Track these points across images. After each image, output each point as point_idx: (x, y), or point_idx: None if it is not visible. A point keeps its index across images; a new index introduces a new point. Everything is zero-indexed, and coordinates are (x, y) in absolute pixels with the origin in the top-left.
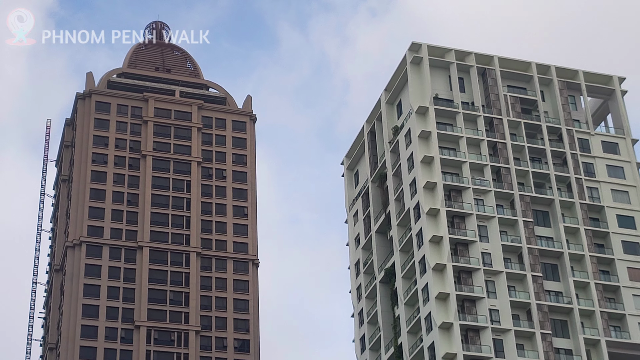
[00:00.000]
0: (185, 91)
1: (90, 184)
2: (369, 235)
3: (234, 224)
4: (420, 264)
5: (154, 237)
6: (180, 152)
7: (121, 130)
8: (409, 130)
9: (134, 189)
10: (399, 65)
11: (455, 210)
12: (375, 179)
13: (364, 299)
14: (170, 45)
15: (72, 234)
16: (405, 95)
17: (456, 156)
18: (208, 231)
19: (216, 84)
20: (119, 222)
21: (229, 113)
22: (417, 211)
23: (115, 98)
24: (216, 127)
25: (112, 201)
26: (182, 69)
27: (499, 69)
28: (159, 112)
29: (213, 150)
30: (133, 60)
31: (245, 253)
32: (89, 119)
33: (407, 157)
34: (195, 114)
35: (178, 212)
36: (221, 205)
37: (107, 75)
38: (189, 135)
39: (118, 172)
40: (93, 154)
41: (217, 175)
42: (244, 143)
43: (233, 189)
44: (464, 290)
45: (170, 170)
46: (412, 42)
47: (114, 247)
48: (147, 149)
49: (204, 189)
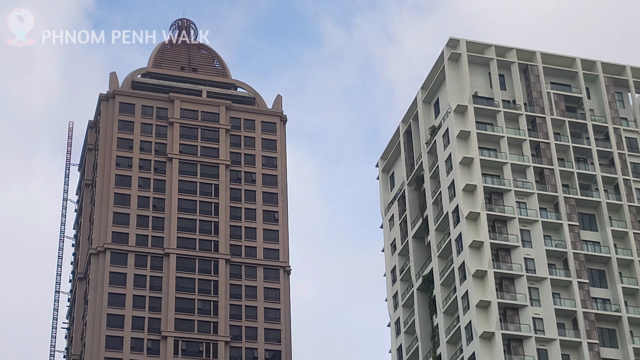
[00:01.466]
0: (213, 91)
1: (114, 189)
2: (406, 241)
3: (264, 230)
4: (459, 271)
5: (181, 244)
6: (208, 154)
7: (146, 133)
8: (447, 130)
9: (160, 193)
10: (436, 62)
11: (496, 214)
12: (412, 182)
13: (401, 308)
14: (197, 43)
15: (96, 240)
16: (443, 94)
17: (497, 157)
18: (237, 237)
19: (244, 84)
20: (144, 228)
21: (258, 114)
22: (456, 215)
23: (140, 99)
24: (245, 129)
25: (137, 206)
26: (209, 68)
27: (541, 65)
28: (185, 113)
29: (242, 152)
30: (158, 60)
31: (276, 260)
32: (113, 121)
33: (445, 159)
34: (223, 114)
35: (206, 218)
36: (251, 210)
37: (131, 75)
38: (216, 137)
39: (143, 176)
40: (117, 157)
41: (246, 178)
42: (274, 145)
43: (263, 192)
44: (505, 298)
45: (197, 174)
46: (450, 38)
47: (139, 254)
48: (173, 151)
49: (233, 193)
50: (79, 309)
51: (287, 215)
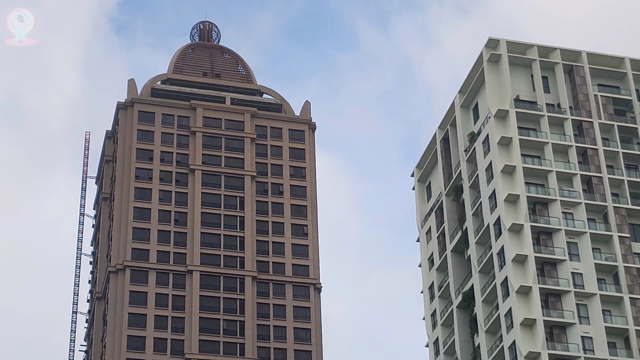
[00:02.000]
0: (237, 98)
1: (133, 203)
2: (444, 255)
3: (292, 245)
4: (502, 287)
5: (205, 260)
6: (232, 165)
7: (167, 143)
8: (487, 137)
9: (182, 207)
10: (474, 64)
11: (540, 225)
12: (450, 192)
13: (440, 327)
14: (220, 47)
15: (115, 258)
16: (482, 98)
17: (541, 165)
18: (264, 253)
19: (270, 89)
20: (166, 244)
21: (285, 121)
22: (498, 227)
23: (160, 107)
24: (271, 137)
25: (158, 221)
26: (233, 73)
27: (588, 65)
28: (208, 121)
29: (268, 162)
30: (179, 65)
31: (305, 277)
32: (132, 131)
33: (485, 167)
34: (248, 122)
35: (231, 232)
36: (278, 223)
37: (151, 82)
38: (241, 146)
39: (164, 188)
40: (136, 169)
41: (273, 190)
42: (302, 154)
43: (291, 205)
44: (552, 316)
45: (221, 186)
46: (489, 38)
47: (161, 272)
48: (195, 162)
49: (259, 206)
50: (98, 331)
51: (317, 229)
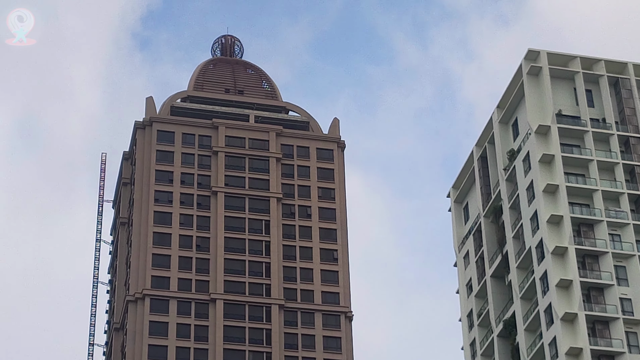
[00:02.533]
0: (261, 115)
1: (153, 227)
2: (483, 281)
3: (322, 271)
4: (546, 314)
5: (229, 288)
6: (257, 187)
7: (187, 164)
8: (527, 154)
9: (204, 231)
10: (513, 76)
11: (586, 248)
12: (489, 214)
13: (480, 357)
14: (243, 62)
15: (134, 286)
16: (522, 113)
17: (586, 183)
18: (292, 280)
19: (297, 106)
20: (187, 271)
21: (313, 140)
22: (541, 250)
23: (180, 126)
24: (298, 157)
25: (179, 247)
26: (256, 89)
27: (634, 77)
28: (230, 140)
29: (295, 184)
30: (199, 82)
31: (336, 305)
32: (150, 152)
33: (526, 186)
34: (273, 142)
35: (256, 258)
36: (306, 248)
37: (170, 99)
38: (266, 167)
39: (185, 212)
40: (156, 192)
41: (301, 213)
42: (331, 174)
43: (320, 229)
44: (599, 345)
45: (245, 209)
46: (529, 50)
47: (182, 301)
48: (218, 184)
49: (286, 229)
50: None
51: (347, 254)
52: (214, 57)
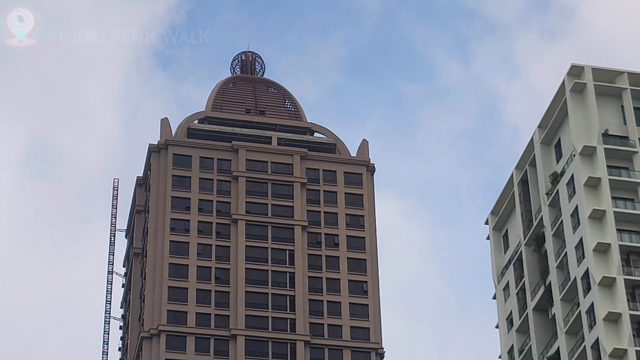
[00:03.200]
0: (285, 137)
1: (169, 258)
2: (525, 314)
3: (350, 304)
4: (593, 350)
5: (251, 324)
6: (280, 214)
7: (205, 190)
8: (571, 177)
9: (224, 262)
10: (555, 94)
11: (636, 278)
12: (530, 242)
13: None
14: (264, 80)
15: (149, 321)
16: (565, 133)
17: (635, 209)
18: (318, 314)
19: (322, 127)
20: (206, 305)
21: (340, 163)
22: (587, 281)
23: (198, 149)
24: (324, 182)
25: (196, 279)
26: (279, 109)
27: None
28: (251, 164)
29: (321, 210)
30: (218, 101)
31: (366, 341)
32: (166, 177)
33: (570, 212)
34: (297, 165)
35: (280, 291)
36: (334, 280)
37: (187, 121)
38: (290, 192)
39: (203, 242)
40: (171, 220)
41: (328, 242)
42: (360, 200)
43: (348, 259)
44: None
45: (268, 238)
46: (572, 65)
47: (200, 337)
48: (238, 212)
49: (312, 260)
50: None
51: (378, 286)
52: (234, 75)
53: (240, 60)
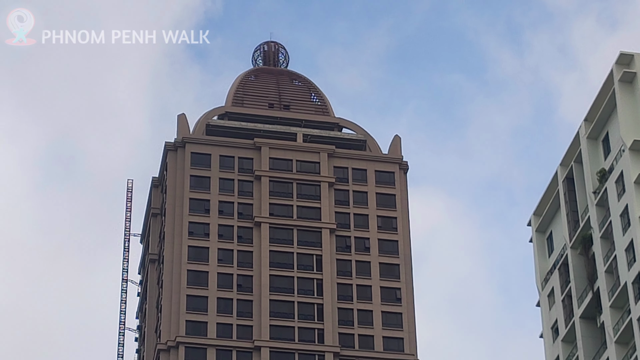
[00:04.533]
0: (311, 134)
1: (187, 265)
2: (571, 322)
3: (383, 313)
4: None
5: (275, 334)
6: (307, 216)
7: (226, 191)
8: (620, 174)
9: (246, 269)
10: (603, 84)
11: None
12: (577, 244)
13: None
14: (288, 72)
15: (166, 333)
16: (614, 127)
17: None
18: (348, 324)
19: (351, 123)
20: (227, 315)
21: (371, 161)
22: (638, 287)
23: (217, 147)
24: (354, 181)
25: (217, 287)
26: (305, 104)
27: None
28: (275, 163)
29: (350, 212)
30: (239, 96)
31: (400, 352)
32: (183, 177)
33: (619, 212)
34: (324, 164)
35: (306, 299)
36: (365, 287)
37: (206, 117)
38: (317, 193)
39: (224, 247)
40: (190, 224)
41: (358, 246)
42: (392, 201)
43: (380, 264)
44: None
45: (293, 242)
46: (621, 53)
47: (222, 350)
48: (261, 214)
49: (341, 265)
50: None
51: (412, 293)
52: (255, 67)
53: (263, 50)
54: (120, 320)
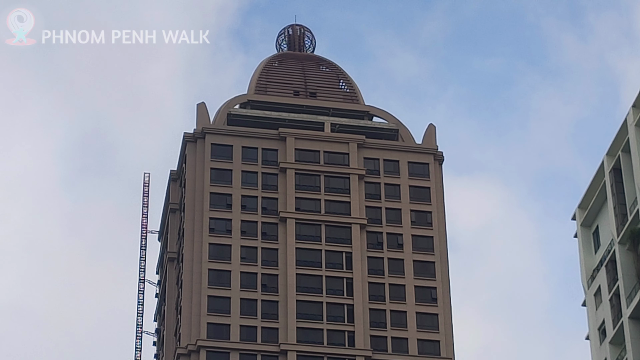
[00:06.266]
0: (339, 123)
1: (208, 264)
2: (620, 323)
3: (417, 314)
4: None
5: (303, 337)
6: (335, 211)
7: (249, 184)
8: None
9: (271, 268)
10: None
11: None
12: (625, 239)
13: None
14: (315, 57)
15: (186, 336)
16: None
17: None
18: (380, 325)
19: (383, 111)
20: (251, 316)
21: (403, 152)
22: None
23: (239, 138)
24: (385, 173)
25: (240, 287)
26: (333, 91)
27: None
28: (301, 155)
29: (382, 207)
30: (262, 83)
31: (436, 355)
32: (203, 170)
33: None
34: (354, 155)
35: (336, 299)
36: (398, 286)
37: (227, 105)
38: (346, 186)
39: (247, 244)
40: (211, 220)
41: (390, 243)
42: (427, 194)
43: (414, 262)
44: None
45: (321, 239)
46: None
47: (246, 354)
48: (287, 209)
49: (372, 264)
50: None
51: (449, 293)
52: (280, 53)
53: (287, 34)
54: (138, 323)
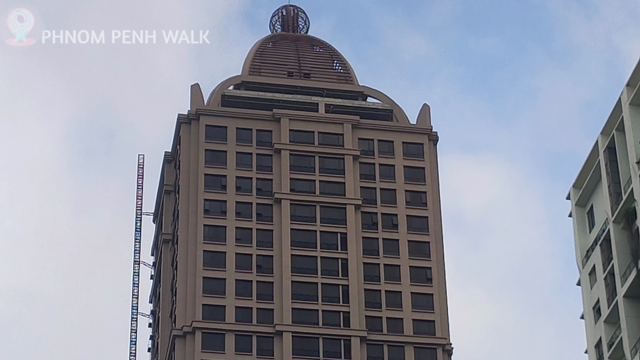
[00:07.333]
0: (334, 104)
1: (203, 245)
2: (614, 302)
3: (412, 294)
4: None
5: (298, 318)
6: (330, 192)
7: (243, 166)
8: None
9: (266, 249)
10: None
11: None
12: (619, 218)
13: None
14: (309, 38)
15: (181, 318)
16: None
17: None
18: (375, 306)
19: (377, 91)
20: (246, 297)
21: (398, 132)
22: None
23: (234, 119)
24: (380, 154)
25: (235, 268)
26: (327, 72)
27: None
28: (296, 136)
29: (377, 187)
30: (256, 64)
31: (431, 336)
32: (198, 152)
33: None
34: (348, 135)
35: (331, 280)
36: (393, 267)
37: (221, 87)
38: (341, 167)
39: (242, 225)
40: (205, 201)
41: (385, 223)
42: (421, 175)
43: (409, 242)
44: None
45: (316, 220)
46: None
47: (241, 335)
48: (281, 190)
49: (367, 244)
50: None
51: (444, 273)
52: (274, 34)
53: (281, 15)
54: (133, 305)
